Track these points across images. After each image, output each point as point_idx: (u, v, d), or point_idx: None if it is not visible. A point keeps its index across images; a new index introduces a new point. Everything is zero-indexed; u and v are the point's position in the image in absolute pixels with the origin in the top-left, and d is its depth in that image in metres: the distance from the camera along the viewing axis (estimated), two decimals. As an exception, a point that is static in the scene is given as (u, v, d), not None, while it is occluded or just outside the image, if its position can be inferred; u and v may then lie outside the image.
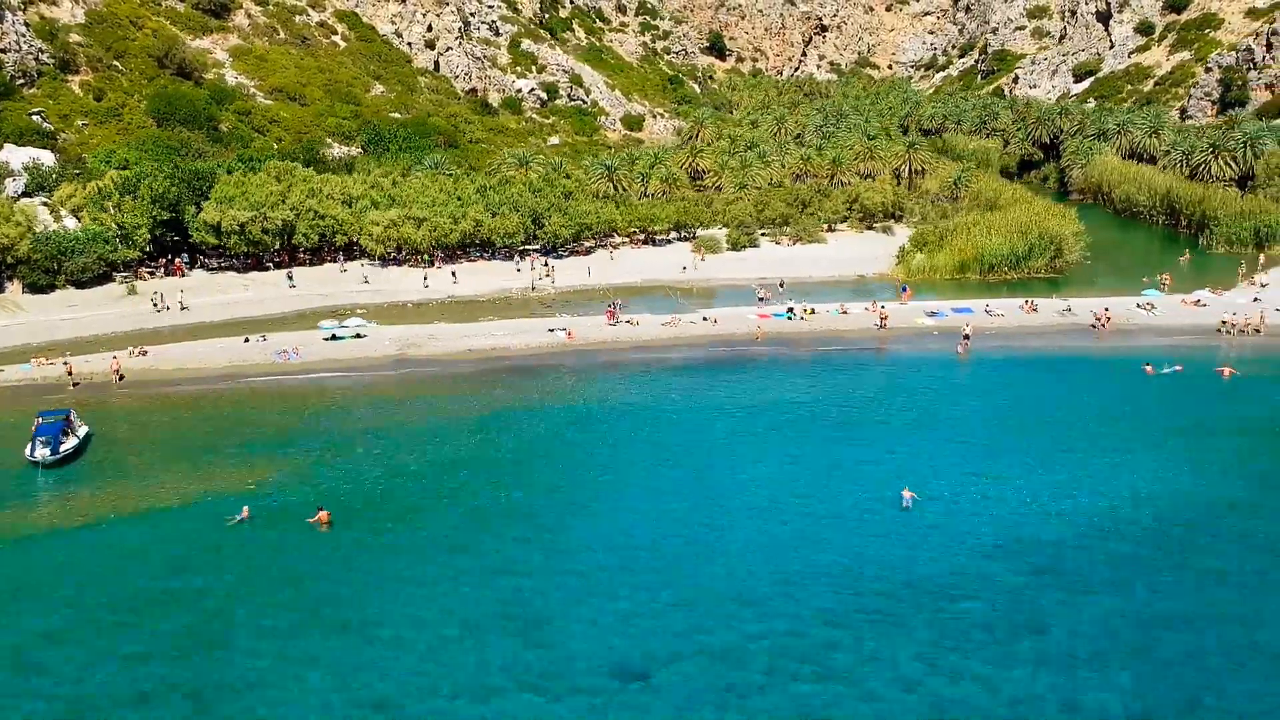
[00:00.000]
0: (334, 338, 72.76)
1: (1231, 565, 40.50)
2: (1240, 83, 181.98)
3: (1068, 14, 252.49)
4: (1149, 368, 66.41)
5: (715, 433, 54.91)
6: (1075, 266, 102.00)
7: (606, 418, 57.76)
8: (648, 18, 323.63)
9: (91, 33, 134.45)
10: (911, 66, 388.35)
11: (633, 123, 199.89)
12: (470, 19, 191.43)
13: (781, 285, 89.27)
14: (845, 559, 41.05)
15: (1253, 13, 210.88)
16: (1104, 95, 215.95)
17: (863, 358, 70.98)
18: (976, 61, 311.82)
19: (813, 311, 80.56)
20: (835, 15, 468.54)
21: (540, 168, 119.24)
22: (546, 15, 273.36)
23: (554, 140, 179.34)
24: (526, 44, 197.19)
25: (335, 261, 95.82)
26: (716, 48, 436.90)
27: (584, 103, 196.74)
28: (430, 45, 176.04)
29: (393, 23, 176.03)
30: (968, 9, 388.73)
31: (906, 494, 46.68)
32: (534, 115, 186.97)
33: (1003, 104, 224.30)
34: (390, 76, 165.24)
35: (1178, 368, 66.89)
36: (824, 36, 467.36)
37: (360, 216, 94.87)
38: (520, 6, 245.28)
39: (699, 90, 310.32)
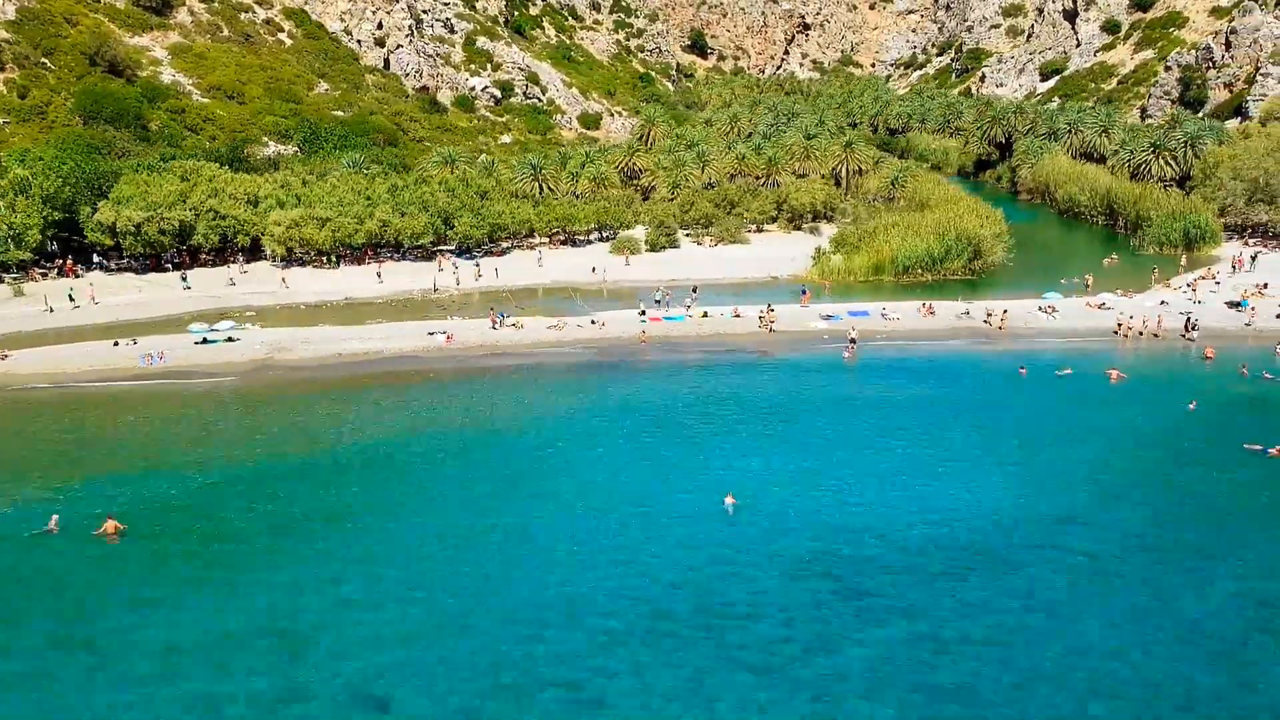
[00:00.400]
0: (205, 341, 71.14)
1: (1041, 586, 38.82)
2: (1199, 82, 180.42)
3: (1035, 12, 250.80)
4: (1024, 370, 64.95)
5: (551, 442, 53.24)
6: (997, 268, 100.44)
7: (450, 425, 56.10)
8: (622, 15, 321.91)
9: (21, 30, 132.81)
10: (891, 65, 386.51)
11: (590, 121, 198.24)
12: (424, 16, 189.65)
13: (695, 290, 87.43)
14: (642, 576, 39.41)
15: (1216, 11, 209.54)
16: (1068, 94, 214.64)
17: (743, 362, 69.32)
18: (952, 60, 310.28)
19: (705, 315, 78.92)
20: (818, 13, 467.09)
21: (467, 166, 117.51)
22: (516, 13, 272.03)
23: (506, 139, 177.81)
24: (482, 41, 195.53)
25: (236, 263, 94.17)
26: (698, 46, 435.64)
27: (540, 101, 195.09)
28: (380, 43, 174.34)
29: (342, 20, 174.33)
30: (948, 7, 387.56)
31: (729, 500, 45.21)
32: (487, 114, 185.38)
33: (967, 103, 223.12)
34: (335, 75, 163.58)
35: (1066, 370, 65.40)
36: (807, 35, 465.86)
37: (263, 217, 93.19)
38: (485, 4, 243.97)
39: (672, 88, 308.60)
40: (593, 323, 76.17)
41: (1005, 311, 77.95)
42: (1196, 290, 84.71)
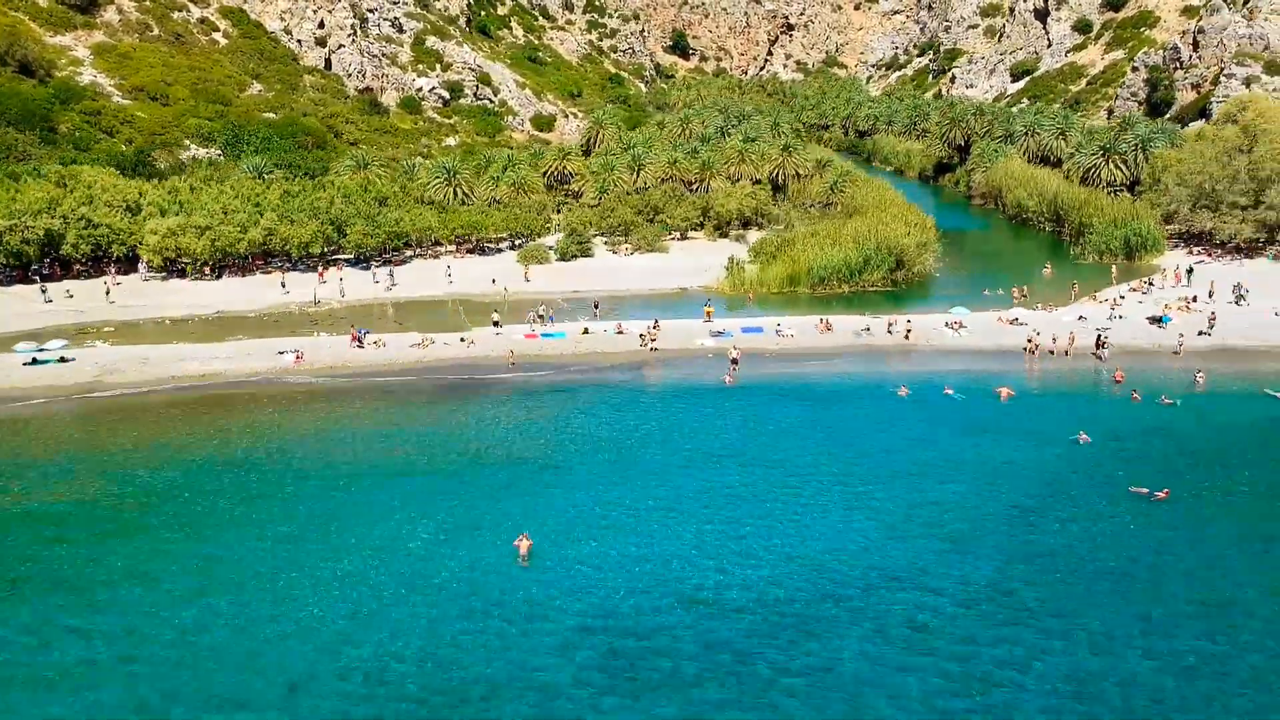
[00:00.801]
0: (34, 362, 65.90)
1: (841, 657, 33.60)
2: (1167, 83, 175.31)
3: (1008, 11, 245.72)
4: (904, 391, 59.85)
5: (340, 484, 47.93)
6: (923, 279, 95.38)
7: (235, 463, 50.73)
8: (595, 16, 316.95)
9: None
10: (873, 66, 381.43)
11: (543, 123, 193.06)
12: (370, 15, 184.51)
13: (596, 306, 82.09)
14: (401, 643, 34.26)
15: (1188, 10, 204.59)
16: (1037, 95, 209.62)
17: (613, 384, 64.06)
18: (930, 61, 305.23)
19: (586, 331, 73.66)
20: (802, 14, 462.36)
21: (379, 171, 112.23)
22: (483, 12, 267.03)
23: (451, 141, 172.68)
24: (432, 41, 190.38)
25: (109, 274, 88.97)
26: (680, 47, 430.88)
27: (491, 102, 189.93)
28: (321, 43, 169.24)
29: (282, 19, 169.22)
30: (929, 7, 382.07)
31: (522, 544, 40.14)
32: (435, 115, 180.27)
33: (933, 105, 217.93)
34: (270, 75, 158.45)
35: (949, 391, 60.37)
36: (791, 36, 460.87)
37: (141, 225, 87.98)
38: (445, 4, 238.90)
39: (645, 89, 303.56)
40: (461, 340, 70.93)
41: (910, 326, 72.70)
42: (1118, 306, 79.32)
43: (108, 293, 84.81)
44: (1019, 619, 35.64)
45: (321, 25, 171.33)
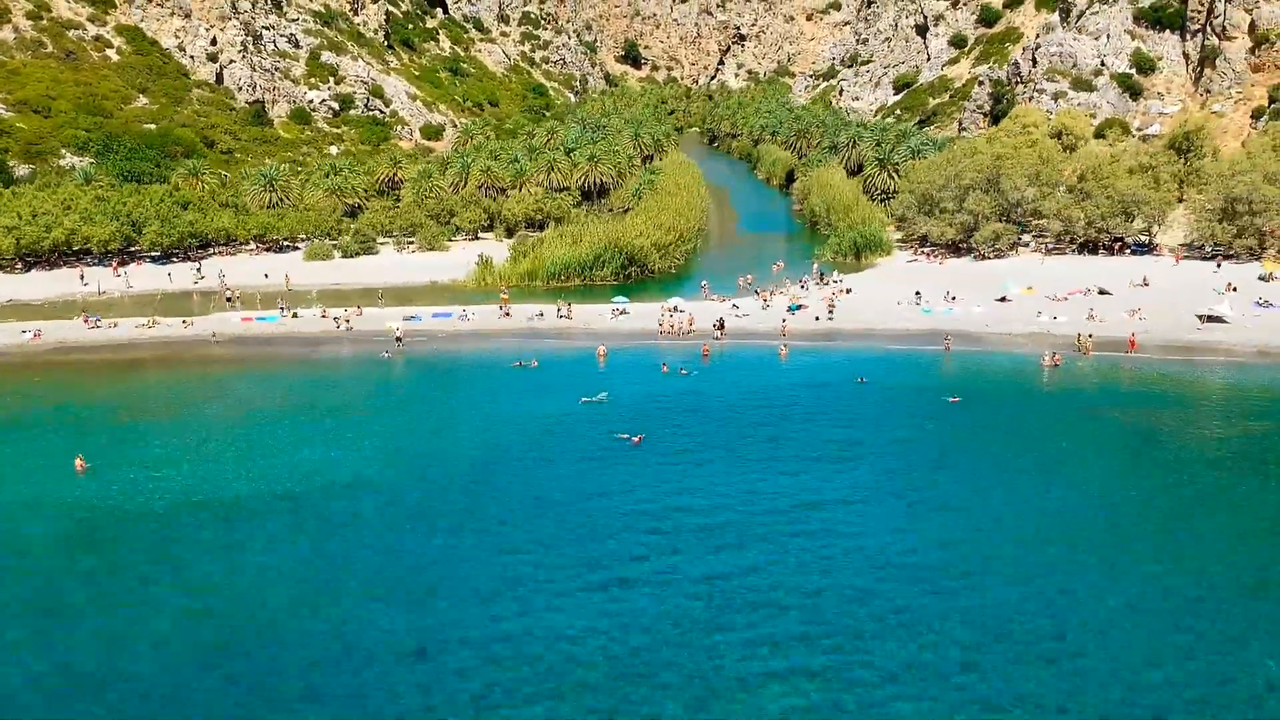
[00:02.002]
0: None
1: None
2: (1008, 97, 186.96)
3: (892, 26, 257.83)
4: (534, 362, 71.98)
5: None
6: (662, 274, 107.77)
7: None
8: (530, 28, 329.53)
9: None
10: (810, 76, 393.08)
11: (431, 133, 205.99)
12: (266, 31, 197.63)
13: (313, 294, 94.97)
14: None
15: (1048, 27, 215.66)
16: (909, 106, 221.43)
17: (285, 357, 76.42)
18: (851, 72, 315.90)
19: (295, 315, 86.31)
20: (754, 24, 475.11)
21: (209, 178, 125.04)
22: (410, 25, 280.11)
23: (333, 149, 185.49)
24: (327, 56, 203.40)
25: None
26: (631, 57, 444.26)
27: (382, 113, 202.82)
28: (213, 58, 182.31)
29: (176, 37, 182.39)
30: (865, 20, 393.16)
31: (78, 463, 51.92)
32: (324, 125, 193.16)
33: (809, 116, 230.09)
34: (158, 90, 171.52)
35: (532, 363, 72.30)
36: (743, 46, 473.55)
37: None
38: (364, 18, 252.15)
39: (573, 99, 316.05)
40: (183, 323, 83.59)
41: (570, 310, 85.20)
42: (769, 299, 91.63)
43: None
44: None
45: (214, 42, 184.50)
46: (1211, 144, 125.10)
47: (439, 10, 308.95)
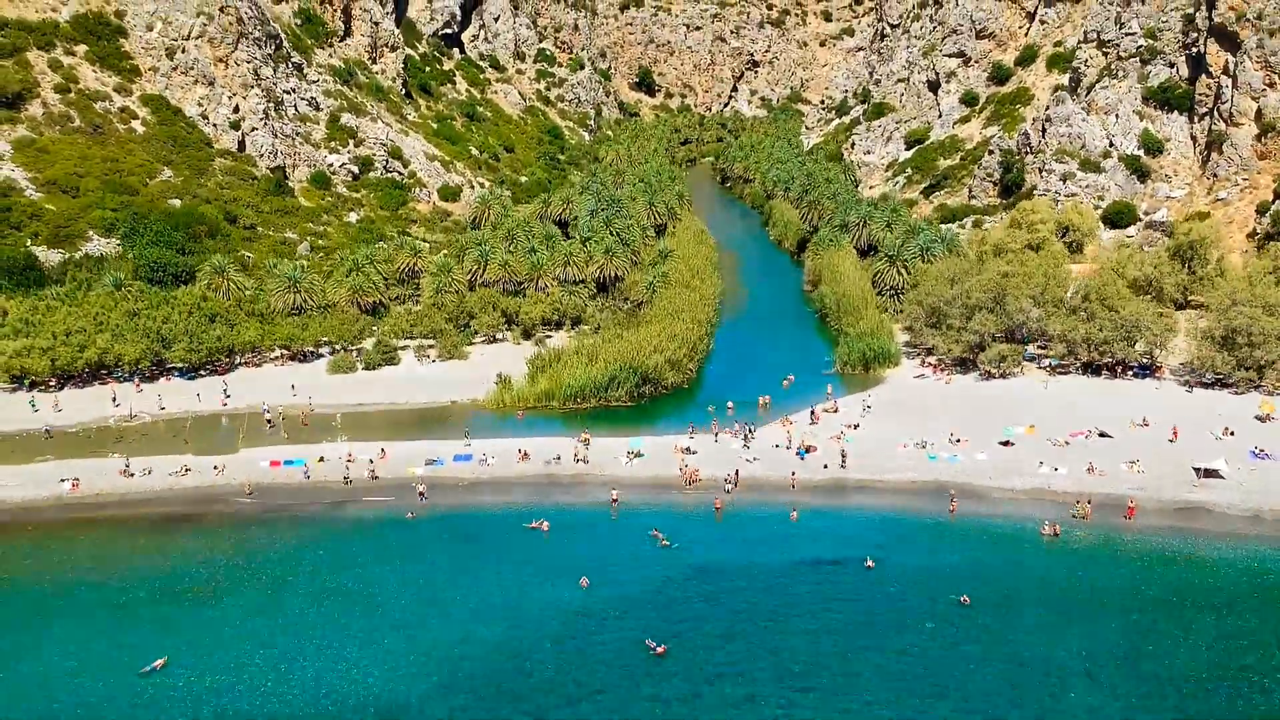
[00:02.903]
0: None
1: None
2: (1018, 165, 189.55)
3: (906, 81, 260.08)
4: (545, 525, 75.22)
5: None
6: (676, 388, 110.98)
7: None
8: (545, 65, 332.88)
9: None
10: (822, 108, 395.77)
11: (448, 193, 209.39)
12: (287, 95, 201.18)
13: (337, 418, 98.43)
14: None
15: (1060, 89, 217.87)
16: (919, 166, 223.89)
17: (301, 533, 79.36)
18: (862, 114, 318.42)
19: (321, 459, 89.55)
20: (767, 51, 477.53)
21: (236, 277, 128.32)
22: (427, 68, 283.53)
23: (353, 217, 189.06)
24: (347, 118, 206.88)
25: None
26: (645, 84, 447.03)
27: (400, 175, 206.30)
28: (235, 126, 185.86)
29: (200, 105, 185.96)
30: (879, 52, 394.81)
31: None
32: (343, 189, 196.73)
33: (821, 171, 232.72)
34: (181, 162, 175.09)
35: (541, 526, 75.60)
36: (755, 72, 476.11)
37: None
38: (383, 65, 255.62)
39: (588, 138, 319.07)
40: (214, 469, 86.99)
41: (587, 453, 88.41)
42: (786, 427, 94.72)
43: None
44: None
45: (236, 109, 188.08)
46: (1215, 252, 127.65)
47: (456, 50, 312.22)
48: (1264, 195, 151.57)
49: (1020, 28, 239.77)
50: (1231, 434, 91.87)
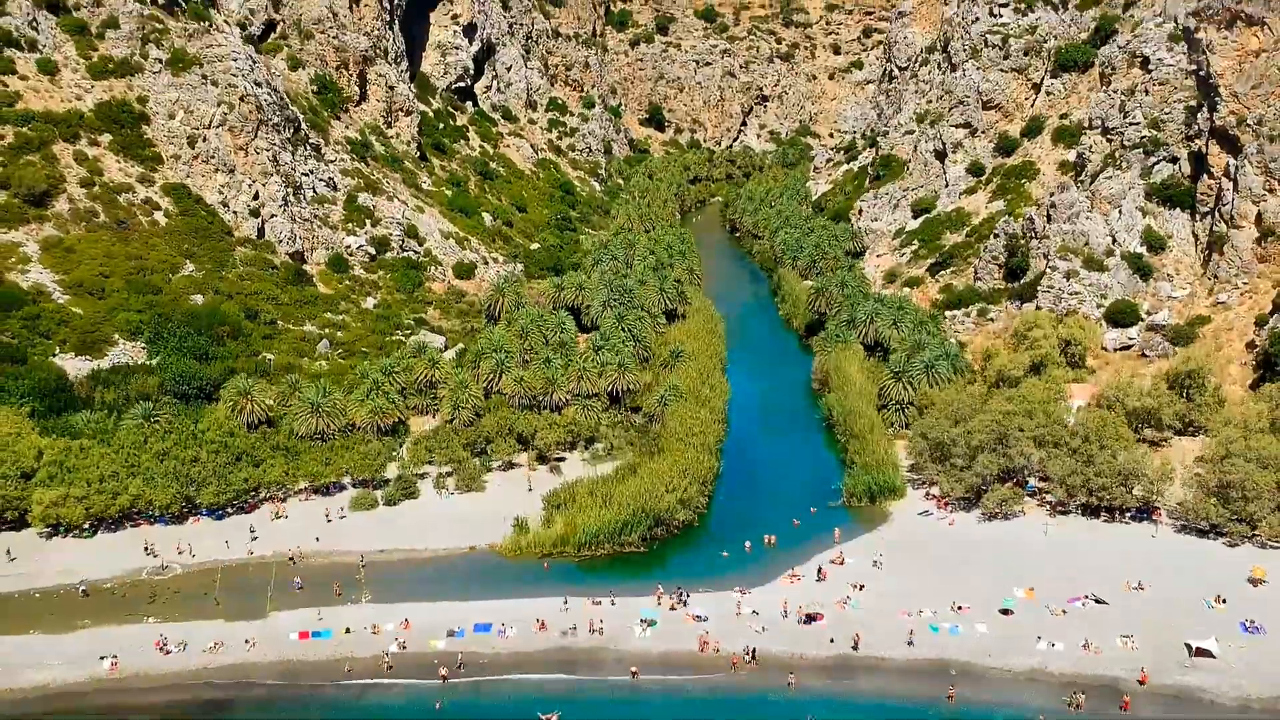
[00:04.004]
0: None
1: None
2: (1023, 251, 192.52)
3: (911, 150, 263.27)
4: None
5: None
6: (684, 526, 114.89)
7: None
8: (556, 114, 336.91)
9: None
10: (832, 149, 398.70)
11: (463, 271, 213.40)
12: (306, 178, 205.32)
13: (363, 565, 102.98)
14: None
15: (1064, 165, 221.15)
16: (925, 239, 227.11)
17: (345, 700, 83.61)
18: (869, 164, 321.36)
19: (348, 630, 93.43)
20: (777, 85, 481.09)
21: (260, 399, 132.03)
22: (441, 125, 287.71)
23: (370, 302, 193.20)
24: (364, 198, 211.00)
25: None
26: (655, 120, 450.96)
27: (416, 254, 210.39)
28: (255, 213, 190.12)
29: (220, 192, 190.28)
30: (887, 94, 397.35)
31: None
32: (361, 271, 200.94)
33: (832, 239, 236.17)
34: (203, 254, 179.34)
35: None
36: (765, 106, 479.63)
37: (29, 493, 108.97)
38: (398, 129, 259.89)
39: (598, 188, 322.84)
40: (246, 643, 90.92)
41: (602, 625, 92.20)
42: (793, 581, 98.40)
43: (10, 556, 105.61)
44: None
45: (256, 196, 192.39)
46: (1213, 380, 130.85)
47: (469, 104, 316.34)
48: (1263, 300, 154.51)
49: (1026, 98, 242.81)
50: (1223, 602, 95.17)
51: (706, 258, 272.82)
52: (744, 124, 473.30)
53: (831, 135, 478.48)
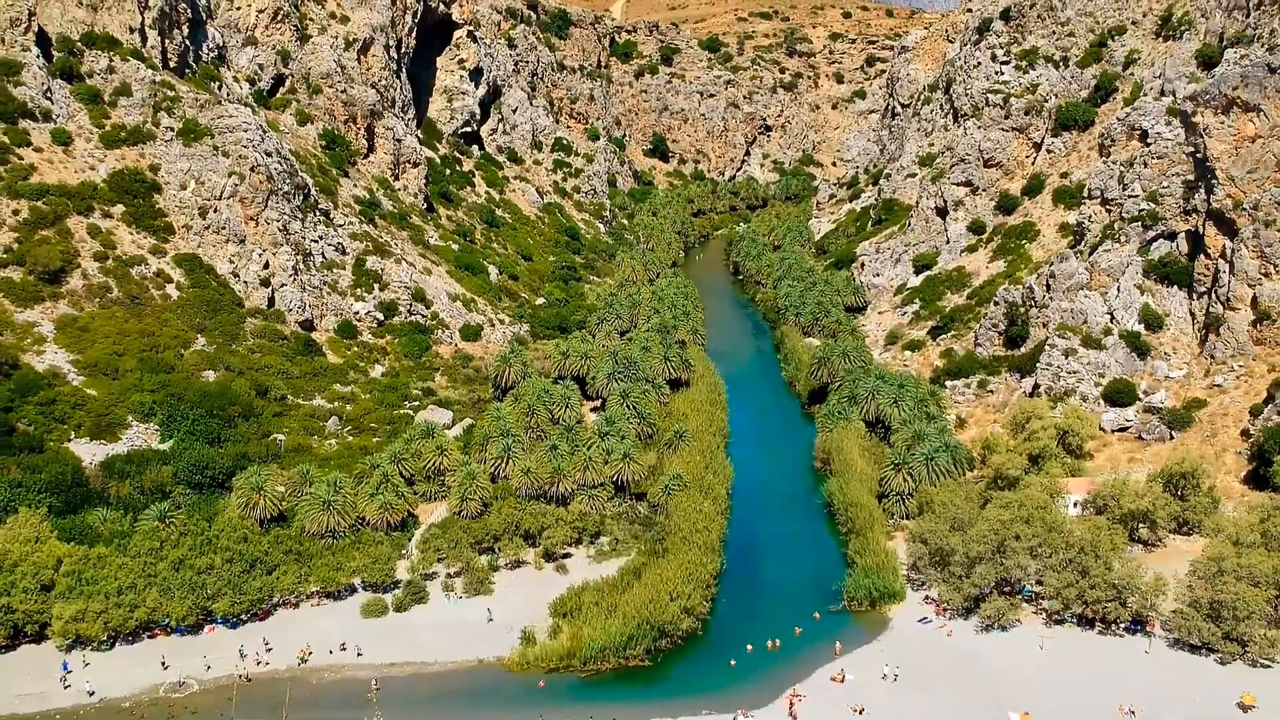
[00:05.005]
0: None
1: None
2: (1023, 320, 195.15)
3: (912, 195, 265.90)
4: None
5: None
6: (689, 634, 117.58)
7: None
8: (562, 154, 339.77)
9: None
10: (835, 185, 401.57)
11: (470, 333, 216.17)
12: (315, 244, 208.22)
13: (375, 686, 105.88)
14: None
15: (1064, 228, 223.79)
16: (926, 299, 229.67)
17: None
18: (871, 206, 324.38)
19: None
20: (780, 115, 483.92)
21: (268, 496, 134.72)
22: (448, 170, 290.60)
23: (378, 370, 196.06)
24: (372, 261, 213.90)
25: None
26: (659, 151, 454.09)
27: (424, 318, 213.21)
28: (265, 283, 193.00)
29: (231, 262, 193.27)
30: (890, 129, 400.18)
31: None
32: (369, 337, 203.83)
33: (834, 295, 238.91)
34: (215, 327, 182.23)
35: None
36: (768, 136, 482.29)
37: (50, 606, 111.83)
38: (405, 182, 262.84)
39: (603, 230, 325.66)
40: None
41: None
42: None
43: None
44: None
45: (266, 265, 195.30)
46: (1207, 481, 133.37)
47: (475, 148, 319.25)
48: (1259, 385, 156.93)
49: (1027, 157, 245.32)
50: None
51: (708, 302, 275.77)
52: (747, 154, 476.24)
53: (835, 164, 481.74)
